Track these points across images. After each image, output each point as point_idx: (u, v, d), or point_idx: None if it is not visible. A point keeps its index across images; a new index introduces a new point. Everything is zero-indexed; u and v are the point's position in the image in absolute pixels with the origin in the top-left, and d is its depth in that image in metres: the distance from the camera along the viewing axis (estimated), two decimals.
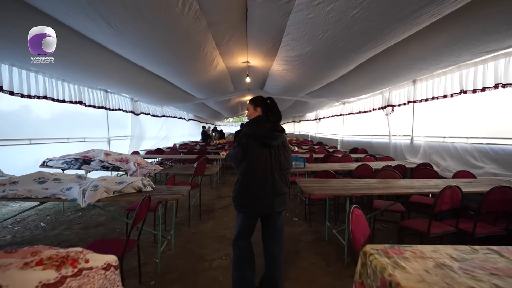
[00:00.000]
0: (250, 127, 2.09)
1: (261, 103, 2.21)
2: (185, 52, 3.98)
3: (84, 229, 3.76)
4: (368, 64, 4.47)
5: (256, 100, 2.23)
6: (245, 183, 2.03)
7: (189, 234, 3.70)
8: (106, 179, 2.86)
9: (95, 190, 2.55)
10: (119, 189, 2.71)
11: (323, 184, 3.04)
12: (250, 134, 2.05)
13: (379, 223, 3.91)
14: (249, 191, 2.03)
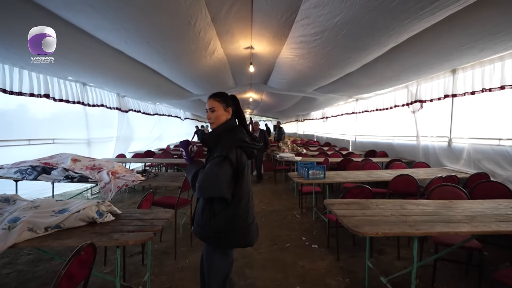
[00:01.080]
0: (237, 134, 1.58)
1: (232, 103, 1.69)
2: (171, 28, 3.00)
3: (33, 264, 2.76)
4: (401, 49, 3.49)
5: (226, 97, 1.67)
6: (239, 208, 1.53)
7: (174, 270, 2.73)
8: (40, 205, 1.87)
9: (9, 228, 1.57)
10: (56, 223, 1.72)
11: (366, 211, 2.06)
12: (238, 144, 1.53)
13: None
14: (245, 218, 1.56)
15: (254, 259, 2.93)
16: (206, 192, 1.47)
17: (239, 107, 1.71)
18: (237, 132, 1.60)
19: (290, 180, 6.73)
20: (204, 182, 1.44)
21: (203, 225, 1.55)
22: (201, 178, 1.46)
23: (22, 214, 1.68)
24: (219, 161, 1.46)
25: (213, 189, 1.45)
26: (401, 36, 2.79)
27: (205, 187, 1.44)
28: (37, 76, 4.05)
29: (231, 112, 1.65)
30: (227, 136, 1.57)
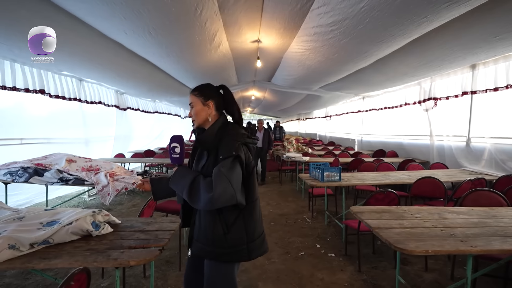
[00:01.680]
0: (237, 129, 1.37)
1: (214, 95, 1.41)
2: (175, 16, 2.72)
3: (22, 277, 2.49)
4: (420, 42, 3.24)
5: (205, 89, 1.42)
6: (255, 213, 1.36)
7: (179, 283, 2.46)
8: (25, 216, 1.60)
9: None
10: (43, 239, 1.45)
11: (403, 221, 1.79)
12: (244, 141, 1.34)
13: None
14: (261, 222, 1.42)
15: (266, 270, 2.66)
16: (222, 204, 1.20)
17: (228, 98, 1.44)
18: (236, 127, 1.39)
19: (297, 181, 6.47)
20: (219, 190, 1.17)
21: (214, 242, 1.29)
22: (210, 187, 1.18)
23: (2, 228, 1.41)
24: (229, 162, 1.24)
25: (230, 199, 1.21)
26: (431, 25, 2.52)
27: (221, 197, 1.17)
28: (30, 70, 3.76)
29: (212, 106, 1.39)
30: (226, 133, 1.34)
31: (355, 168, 4.90)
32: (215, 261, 1.33)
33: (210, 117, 1.40)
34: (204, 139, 1.35)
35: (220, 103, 1.42)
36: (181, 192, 1.29)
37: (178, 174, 1.33)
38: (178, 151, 1.39)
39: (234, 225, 1.31)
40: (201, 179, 1.25)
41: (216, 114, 1.41)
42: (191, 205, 1.27)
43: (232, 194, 1.21)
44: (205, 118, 1.40)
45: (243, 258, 1.31)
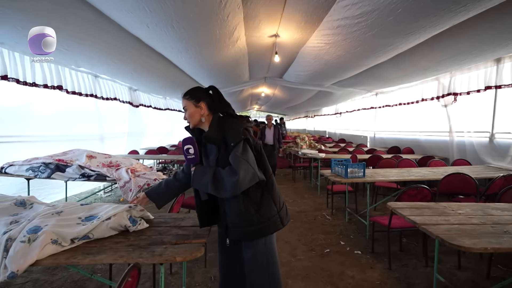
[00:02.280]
0: (236, 118, 1.52)
1: (204, 96, 1.52)
2: (199, 9, 2.66)
3: (48, 273, 2.47)
4: (446, 35, 3.14)
5: (195, 92, 1.53)
6: (274, 184, 1.52)
7: (207, 280, 2.43)
8: (63, 210, 1.56)
9: (29, 241, 1.27)
10: (84, 234, 1.42)
11: (447, 218, 1.72)
12: (245, 126, 1.47)
13: None
14: (280, 195, 1.56)
15: (294, 268, 2.62)
16: (247, 184, 1.35)
17: (216, 97, 1.54)
18: (232, 118, 1.51)
19: (311, 178, 6.40)
20: (243, 172, 1.31)
21: (250, 222, 1.42)
22: (234, 172, 1.32)
23: (43, 223, 1.37)
24: (242, 147, 1.39)
25: (252, 177, 1.36)
26: (468, 14, 2.43)
27: (245, 178, 1.32)
28: (48, 66, 3.74)
29: (205, 107, 1.50)
30: (227, 124, 1.46)
31: (373, 165, 4.82)
32: (257, 239, 1.45)
33: (203, 118, 1.50)
34: (210, 135, 1.43)
35: (210, 103, 1.52)
36: (205, 188, 1.38)
37: (198, 173, 1.42)
38: (192, 152, 1.45)
39: (262, 201, 1.45)
40: (221, 170, 1.38)
41: (209, 114, 1.51)
42: (218, 195, 1.39)
43: (254, 172, 1.36)
44: (199, 118, 1.50)
45: (278, 226, 1.48)
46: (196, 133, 1.55)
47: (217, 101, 1.54)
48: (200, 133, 1.55)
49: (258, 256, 1.46)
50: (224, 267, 1.64)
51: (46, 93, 3.97)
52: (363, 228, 3.48)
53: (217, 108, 1.53)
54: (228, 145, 1.40)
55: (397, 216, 2.61)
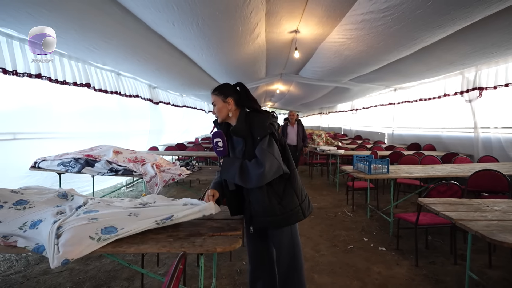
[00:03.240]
0: (262, 113, 1.58)
1: (232, 92, 1.60)
2: (226, 5, 2.70)
3: (82, 263, 2.59)
4: (474, 28, 3.05)
5: (224, 88, 1.61)
6: (297, 177, 1.60)
7: (233, 273, 2.48)
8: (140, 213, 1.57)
9: (99, 240, 1.32)
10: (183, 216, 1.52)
11: (484, 214, 1.69)
12: (271, 120, 1.54)
13: None
14: (302, 188, 1.64)
15: (319, 263, 2.63)
16: (272, 176, 1.44)
17: (243, 93, 1.62)
18: (258, 113, 1.57)
19: (329, 174, 6.36)
20: (268, 165, 1.40)
21: (272, 212, 1.53)
22: (260, 164, 1.40)
23: (120, 225, 1.41)
24: (268, 141, 1.46)
25: (277, 169, 1.45)
26: (504, 4, 2.35)
27: (271, 170, 1.41)
28: (76, 65, 3.88)
29: (232, 103, 1.59)
30: (255, 118, 1.53)
31: (394, 162, 4.74)
32: (280, 228, 1.57)
33: (230, 112, 1.59)
34: (238, 128, 1.53)
35: (238, 99, 1.60)
36: (233, 178, 1.50)
37: (226, 164, 1.54)
38: (221, 145, 1.56)
39: (285, 193, 1.54)
40: (248, 162, 1.47)
41: (236, 109, 1.60)
42: (244, 185, 1.49)
43: (278, 165, 1.45)
44: (226, 113, 1.59)
45: (300, 217, 1.57)
46: (224, 126, 1.64)
47: (244, 96, 1.61)
48: (227, 126, 1.64)
49: (284, 241, 1.59)
50: (253, 252, 1.76)
51: (72, 92, 4.11)
52: (386, 225, 3.45)
53: (244, 103, 1.61)
54: (254, 139, 1.48)
55: (423, 213, 2.58)
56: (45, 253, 1.30)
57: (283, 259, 1.61)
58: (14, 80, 3.09)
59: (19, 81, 3.19)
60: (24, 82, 3.24)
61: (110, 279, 2.35)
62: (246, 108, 1.62)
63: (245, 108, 1.62)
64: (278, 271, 1.66)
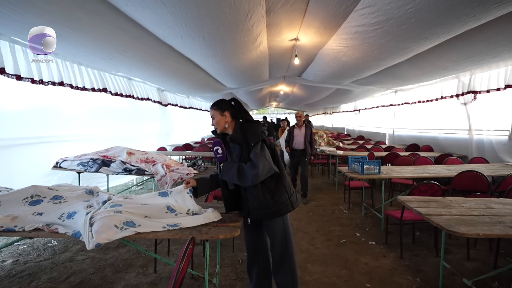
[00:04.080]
0: (254, 123, 1.88)
1: (228, 107, 1.88)
2: (229, 21, 2.98)
3: (102, 252, 2.93)
4: (462, 37, 3.26)
5: (221, 104, 1.89)
6: (285, 176, 1.90)
7: (235, 262, 2.77)
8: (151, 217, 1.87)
9: (121, 229, 1.62)
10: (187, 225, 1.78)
11: (451, 209, 1.95)
12: (262, 129, 1.85)
13: None
14: (290, 184, 1.94)
15: (312, 254, 2.91)
16: (264, 175, 1.71)
17: (237, 107, 1.89)
18: (250, 123, 1.86)
19: (329, 174, 6.62)
20: (261, 166, 1.67)
21: (266, 205, 1.80)
22: (254, 166, 1.67)
23: (138, 222, 1.69)
24: (260, 146, 1.75)
25: (269, 170, 1.72)
26: (478, 22, 2.59)
27: (263, 172, 1.68)
28: (93, 72, 4.22)
29: (228, 116, 1.85)
30: (248, 128, 1.82)
31: (390, 162, 4.97)
32: (274, 218, 1.85)
33: (227, 124, 1.86)
34: (235, 137, 1.81)
35: (233, 112, 1.87)
36: (232, 179, 1.78)
37: (226, 167, 1.82)
38: (221, 152, 1.86)
39: (276, 189, 1.82)
40: (244, 165, 1.75)
41: (232, 120, 1.87)
42: (242, 184, 1.77)
43: (270, 166, 1.73)
44: (224, 125, 1.86)
45: (289, 209, 1.86)
46: (221, 136, 1.93)
47: (238, 110, 1.90)
48: (223, 136, 1.92)
49: (277, 230, 1.88)
50: (249, 241, 2.03)
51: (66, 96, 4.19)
52: (379, 222, 3.70)
53: (238, 115, 1.90)
54: (249, 145, 1.77)
55: (409, 210, 2.84)
56: (81, 238, 1.60)
57: (277, 244, 1.88)
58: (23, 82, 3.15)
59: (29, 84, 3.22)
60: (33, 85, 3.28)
61: (127, 266, 2.67)
62: (239, 119, 1.90)
63: (239, 119, 1.90)
64: (273, 255, 1.93)
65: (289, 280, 1.90)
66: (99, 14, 2.59)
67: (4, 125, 3.30)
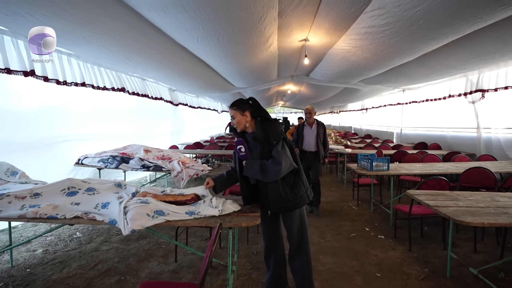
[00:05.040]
0: (274, 123, 2.00)
1: (247, 106, 1.99)
2: (243, 24, 3.12)
3: (124, 243, 3.11)
4: (469, 38, 3.34)
5: (241, 103, 1.99)
6: (302, 172, 2.03)
7: (250, 254, 2.92)
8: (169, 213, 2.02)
9: (153, 217, 1.78)
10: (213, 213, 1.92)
11: (458, 202, 2.06)
12: (281, 128, 1.99)
13: None
14: (306, 179, 2.06)
15: (324, 247, 3.04)
16: (286, 171, 1.85)
17: (255, 106, 2.00)
18: (270, 122, 1.98)
19: (337, 172, 6.72)
20: (284, 163, 1.81)
21: (286, 199, 1.93)
22: (278, 163, 1.80)
23: (166, 211, 1.85)
24: (281, 144, 1.88)
25: (290, 166, 1.86)
26: (485, 23, 2.68)
27: (285, 168, 1.82)
28: (111, 73, 4.42)
29: (249, 115, 1.97)
30: (269, 127, 1.94)
31: (398, 160, 5.06)
32: (292, 211, 1.98)
33: (247, 123, 1.98)
34: (258, 135, 1.93)
35: (252, 111, 1.99)
36: (255, 175, 1.90)
37: (249, 165, 1.93)
38: (244, 150, 1.95)
39: (295, 183, 1.96)
40: (266, 162, 1.86)
41: (251, 120, 1.99)
42: (264, 180, 1.89)
43: (291, 163, 1.87)
44: (244, 124, 1.98)
45: (306, 201, 2.00)
46: (241, 134, 2.04)
47: (257, 108, 2.01)
48: (242, 134, 2.05)
49: (295, 221, 2.00)
50: (267, 232, 2.15)
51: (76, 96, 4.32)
52: (387, 217, 3.81)
53: (257, 114, 2.01)
54: (270, 143, 1.90)
55: (418, 205, 2.95)
56: (117, 225, 1.76)
57: (294, 234, 2.01)
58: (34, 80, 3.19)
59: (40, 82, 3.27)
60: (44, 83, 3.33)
61: (149, 256, 2.84)
62: (258, 118, 2.00)
63: (257, 118, 2.00)
64: (290, 244, 2.06)
65: (304, 267, 2.04)
66: (123, 19, 2.77)
67: (34, 125, 3.52)
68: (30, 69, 2.97)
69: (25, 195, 1.94)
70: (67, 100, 4.07)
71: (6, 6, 2.04)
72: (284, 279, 2.18)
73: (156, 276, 2.47)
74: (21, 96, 3.47)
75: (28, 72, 2.90)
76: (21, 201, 1.89)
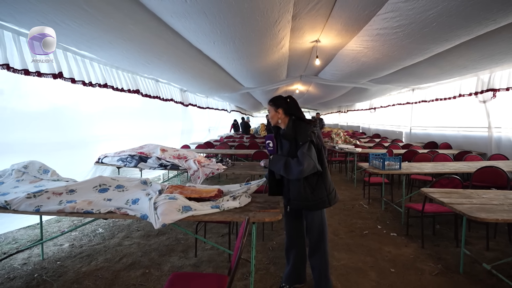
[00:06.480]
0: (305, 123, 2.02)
1: (282, 104, 2.08)
2: (259, 27, 3.22)
3: (145, 238, 3.25)
4: (481, 38, 3.38)
5: (276, 100, 2.10)
6: (328, 176, 2.05)
7: (266, 249, 3.02)
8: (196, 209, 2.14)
9: (181, 212, 1.90)
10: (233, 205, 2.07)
11: (472, 199, 2.13)
12: (312, 130, 1.98)
13: None
14: (331, 182, 2.09)
15: (337, 244, 3.13)
16: (308, 171, 1.89)
17: (291, 105, 2.08)
18: (302, 123, 2.01)
19: (347, 171, 6.78)
20: (306, 164, 1.85)
21: (306, 198, 1.98)
22: (300, 163, 1.86)
23: (194, 207, 1.98)
24: (307, 145, 1.91)
25: (312, 168, 1.90)
26: (498, 25, 2.73)
27: (307, 169, 1.87)
28: (127, 75, 4.57)
29: (281, 112, 2.06)
30: (299, 127, 1.98)
31: (409, 159, 5.11)
32: (312, 210, 2.06)
33: (280, 120, 2.08)
34: (286, 133, 2.03)
35: (286, 109, 2.07)
36: (279, 170, 2.00)
37: (275, 159, 2.05)
38: (272, 145, 2.11)
39: (317, 185, 1.99)
40: (291, 160, 1.94)
41: (285, 117, 2.08)
42: (287, 177, 1.99)
43: (314, 164, 1.90)
44: (277, 120, 2.10)
45: (326, 205, 2.03)
46: (275, 129, 2.17)
47: (292, 107, 2.09)
48: (277, 129, 2.16)
49: (316, 220, 2.10)
50: (289, 228, 2.27)
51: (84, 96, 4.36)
52: (399, 216, 3.87)
53: (292, 112, 2.08)
54: (297, 143, 1.96)
55: (430, 204, 3.01)
56: (148, 219, 1.88)
57: (314, 232, 2.10)
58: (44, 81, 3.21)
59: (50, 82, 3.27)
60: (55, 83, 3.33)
61: (169, 251, 2.97)
62: (293, 116, 2.07)
63: (292, 116, 2.07)
64: (310, 241, 2.17)
65: (322, 263, 2.13)
66: (146, 25, 2.89)
67: (55, 126, 3.68)
68: (58, 71, 3.12)
69: (61, 191, 2.08)
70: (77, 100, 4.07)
71: (44, 15, 2.18)
72: (303, 274, 2.28)
73: (179, 269, 2.59)
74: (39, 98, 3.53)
75: (57, 74, 3.05)
76: (59, 197, 2.03)
